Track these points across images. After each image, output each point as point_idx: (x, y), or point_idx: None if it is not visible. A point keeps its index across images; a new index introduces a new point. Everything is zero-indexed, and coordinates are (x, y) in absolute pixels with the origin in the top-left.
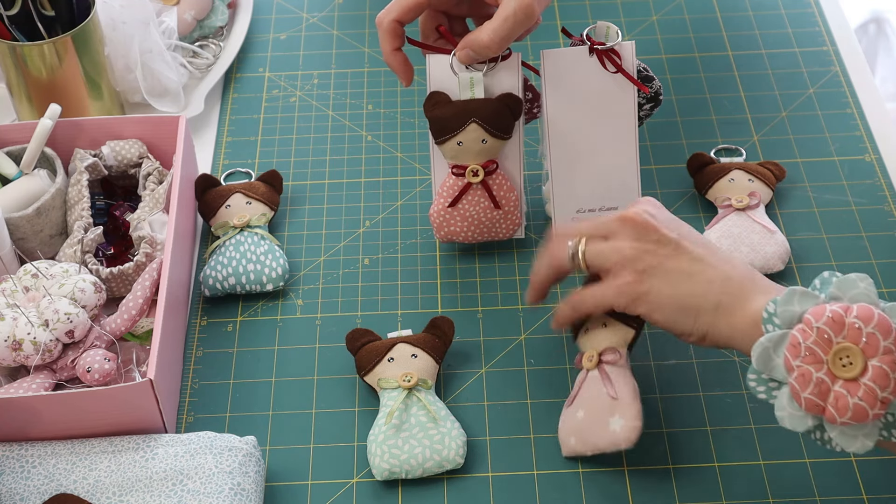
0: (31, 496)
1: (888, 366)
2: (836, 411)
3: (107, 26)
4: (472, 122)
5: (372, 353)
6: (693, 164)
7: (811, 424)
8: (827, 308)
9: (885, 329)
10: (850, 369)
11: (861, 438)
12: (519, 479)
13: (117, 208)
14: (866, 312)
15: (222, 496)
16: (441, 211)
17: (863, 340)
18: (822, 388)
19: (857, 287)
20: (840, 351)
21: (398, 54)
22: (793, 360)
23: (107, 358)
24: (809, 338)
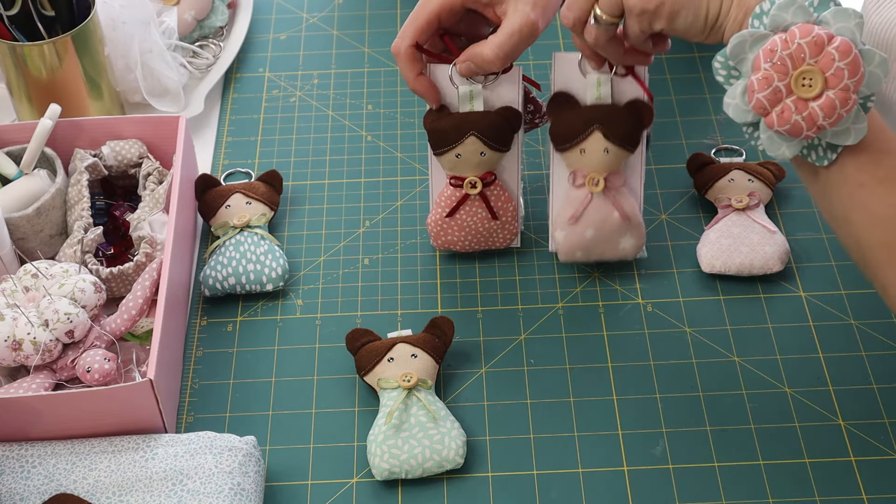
0: (31, 496)
1: (840, 100)
2: (776, 119)
3: (107, 26)
4: (470, 134)
5: (372, 353)
6: (693, 164)
7: (749, 120)
8: (815, 29)
9: (854, 69)
10: (807, 91)
11: (784, 147)
12: (519, 479)
13: (117, 208)
14: (846, 47)
15: (222, 496)
16: (438, 221)
17: (830, 71)
18: (775, 96)
19: (848, 21)
20: (807, 72)
21: (422, 79)
22: (763, 62)
23: (107, 358)
24: (787, 49)
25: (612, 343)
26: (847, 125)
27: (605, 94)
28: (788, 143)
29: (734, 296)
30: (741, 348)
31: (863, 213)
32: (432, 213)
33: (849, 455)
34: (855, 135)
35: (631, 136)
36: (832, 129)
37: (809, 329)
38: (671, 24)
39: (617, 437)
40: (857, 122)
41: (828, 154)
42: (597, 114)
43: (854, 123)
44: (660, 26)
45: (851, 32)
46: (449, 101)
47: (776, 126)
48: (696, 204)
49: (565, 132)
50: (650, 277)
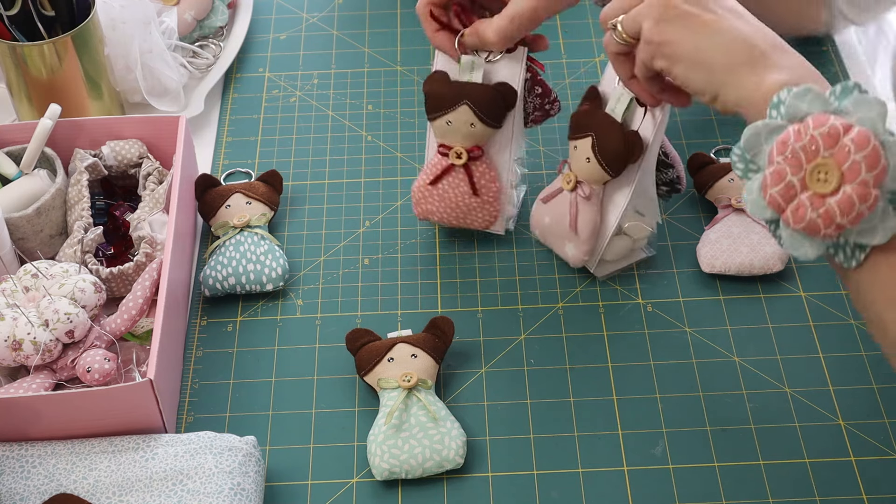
0: (31, 496)
1: (858, 196)
2: (792, 217)
3: (107, 26)
4: (463, 103)
5: (372, 353)
6: (693, 164)
7: (769, 216)
8: (830, 119)
9: (873, 162)
10: (823, 186)
11: (807, 246)
12: (519, 479)
13: (117, 208)
14: (863, 140)
15: (222, 496)
16: (421, 187)
17: (846, 164)
18: (789, 192)
19: (870, 111)
20: (822, 165)
21: (441, 34)
22: (776, 156)
23: (107, 358)
24: (801, 141)
25: (612, 343)
26: (873, 223)
27: (618, 110)
28: (811, 241)
29: (734, 296)
30: (741, 348)
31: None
32: (417, 180)
33: (849, 455)
34: (882, 234)
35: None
36: (857, 228)
37: (809, 329)
38: (670, 69)
39: (617, 437)
40: (885, 220)
41: (856, 254)
42: (595, 122)
43: (882, 221)
44: (660, 65)
45: (872, 122)
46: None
47: (792, 224)
48: (696, 204)
49: (573, 122)
50: (650, 277)
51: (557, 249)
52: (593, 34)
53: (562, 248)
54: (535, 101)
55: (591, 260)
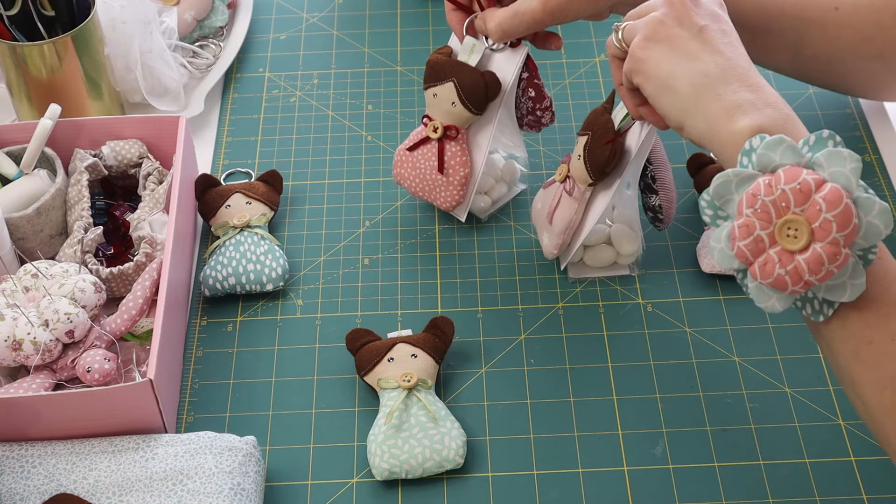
0: (31, 496)
1: (828, 255)
2: (759, 272)
3: (107, 26)
4: (450, 79)
5: (372, 353)
6: (693, 164)
7: (736, 267)
8: (802, 174)
9: (844, 221)
10: (793, 242)
11: (774, 300)
12: (519, 479)
13: (117, 208)
14: (835, 197)
15: (222, 496)
16: (401, 150)
17: (817, 222)
18: (757, 246)
19: (843, 166)
20: (792, 221)
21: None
22: (745, 208)
23: (107, 358)
24: (771, 195)
25: (612, 343)
26: (842, 279)
27: (617, 116)
28: (778, 295)
29: (734, 296)
30: (741, 348)
31: (872, 372)
32: (402, 144)
33: (849, 455)
34: (851, 291)
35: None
36: (826, 284)
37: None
38: (644, 86)
39: (617, 437)
40: (854, 277)
41: (824, 309)
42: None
43: (851, 279)
44: (637, 80)
45: (846, 178)
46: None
47: (759, 278)
48: (696, 204)
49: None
50: (650, 277)
51: (539, 237)
52: (593, 34)
53: (541, 236)
54: (528, 103)
55: (563, 256)
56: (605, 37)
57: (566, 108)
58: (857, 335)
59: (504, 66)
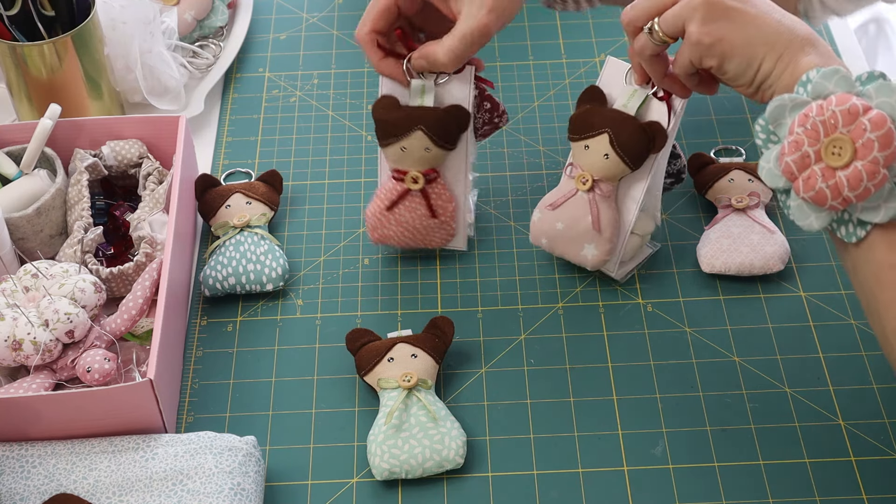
0: (31, 496)
1: (867, 172)
2: (802, 185)
3: (107, 26)
4: (417, 129)
5: (372, 353)
6: (693, 164)
7: (781, 186)
8: (852, 99)
9: (886, 142)
10: (836, 159)
11: (812, 218)
12: (519, 479)
13: (117, 208)
14: (880, 119)
15: (222, 496)
16: (377, 213)
17: (860, 141)
18: (804, 161)
19: (890, 97)
20: (838, 140)
21: (387, 61)
22: (797, 126)
23: (107, 358)
24: (822, 115)
25: (612, 343)
26: (878, 202)
27: (632, 105)
28: (817, 213)
29: (734, 296)
30: (741, 348)
31: (890, 295)
32: (371, 205)
33: (849, 455)
34: (885, 213)
35: (636, 153)
36: (862, 204)
37: (809, 329)
38: (721, 66)
39: (617, 437)
40: (889, 200)
41: (857, 231)
42: (612, 118)
43: (886, 201)
44: (710, 63)
45: (891, 107)
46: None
47: (802, 192)
48: (696, 204)
49: (579, 123)
50: (650, 277)
51: (571, 255)
52: (593, 34)
53: (577, 252)
54: (485, 115)
55: (612, 260)
56: (605, 37)
57: (566, 107)
58: (881, 259)
59: (457, 93)
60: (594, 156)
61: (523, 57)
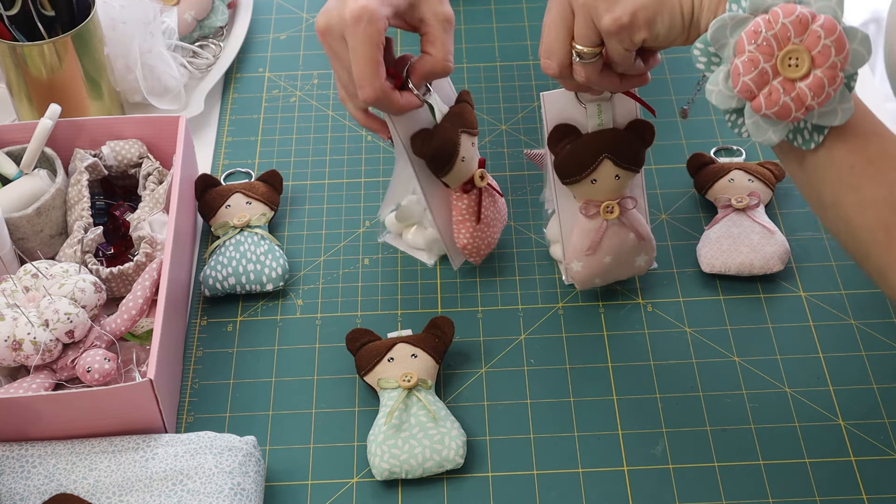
0: (31, 496)
1: (828, 79)
2: (765, 102)
3: (107, 26)
4: (462, 133)
5: (372, 353)
6: (693, 164)
7: (734, 106)
8: (798, 8)
9: (840, 45)
10: (794, 71)
11: (770, 132)
12: (519, 479)
13: (117, 208)
14: (831, 25)
15: (222, 496)
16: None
17: (817, 49)
18: (762, 78)
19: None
20: (793, 51)
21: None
22: (747, 45)
23: (107, 358)
24: (772, 29)
25: (612, 343)
26: (834, 105)
27: (607, 120)
28: (774, 126)
29: (734, 296)
30: (741, 348)
31: (855, 194)
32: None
33: (849, 455)
34: (842, 115)
35: (637, 158)
36: (819, 110)
37: (809, 329)
38: (651, 32)
39: (617, 437)
40: (843, 101)
41: (814, 136)
42: (603, 141)
43: (840, 104)
44: (640, 37)
45: (833, 11)
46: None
47: (764, 109)
48: (696, 204)
49: (575, 165)
50: (650, 277)
51: (626, 274)
52: None
53: (630, 269)
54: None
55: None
56: None
57: None
58: (841, 161)
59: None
60: (606, 183)
61: (523, 57)
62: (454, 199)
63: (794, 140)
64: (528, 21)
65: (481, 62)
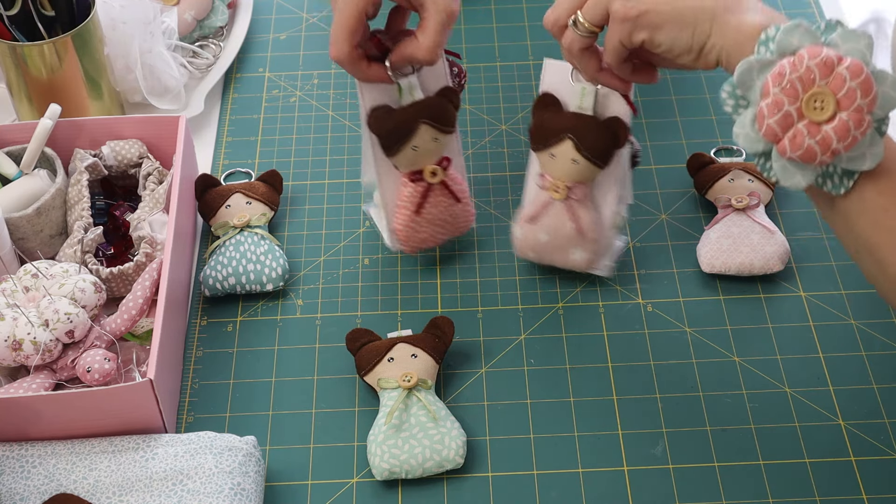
0: (31, 496)
1: (854, 122)
2: (789, 145)
3: (107, 26)
4: (422, 123)
5: (372, 353)
6: (693, 164)
7: (761, 149)
8: (824, 50)
9: (866, 89)
10: (820, 114)
11: (798, 176)
12: (519, 479)
13: (117, 208)
14: (857, 68)
15: (222, 496)
16: (408, 222)
17: (842, 92)
18: (787, 121)
19: (857, 42)
20: (818, 94)
21: (372, 68)
22: (772, 87)
23: (107, 358)
24: (797, 72)
25: (612, 343)
26: (863, 150)
27: (587, 104)
28: (803, 171)
29: (734, 296)
30: (741, 348)
31: (890, 236)
32: (398, 217)
33: (849, 455)
34: (871, 159)
35: (602, 153)
36: (847, 155)
37: (809, 329)
38: (652, 38)
39: (617, 437)
40: (872, 146)
41: (844, 182)
42: (572, 123)
43: (870, 148)
44: (641, 37)
45: (861, 53)
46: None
47: (789, 152)
48: (696, 204)
49: (539, 134)
50: (650, 277)
51: (560, 262)
52: None
53: (566, 258)
54: (454, 80)
55: (598, 258)
56: None
57: None
58: (874, 205)
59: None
60: (562, 163)
61: (523, 57)
62: (401, 183)
63: (824, 185)
64: (528, 21)
65: (481, 62)
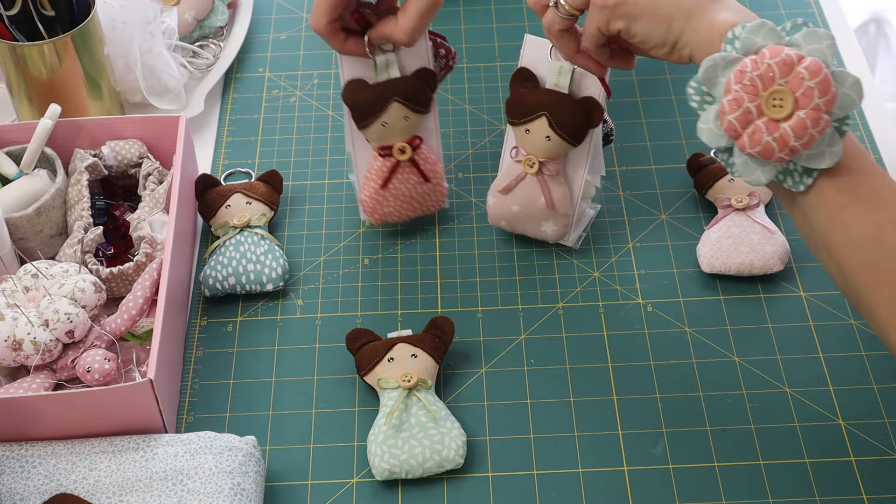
0: (31, 496)
1: (811, 121)
2: (748, 141)
3: (107, 26)
4: (393, 101)
5: (372, 353)
6: (693, 164)
7: (723, 145)
8: (785, 50)
9: (824, 88)
10: (778, 111)
11: (759, 172)
12: (519, 479)
13: (117, 208)
14: (816, 67)
15: (222, 496)
16: (373, 194)
17: (800, 91)
18: (746, 117)
19: (819, 43)
20: (777, 92)
21: (349, 42)
22: (733, 84)
23: (107, 358)
24: (757, 70)
25: (612, 343)
26: (822, 148)
27: (563, 83)
28: (763, 167)
29: (734, 296)
30: (741, 348)
31: (843, 234)
32: (365, 189)
33: (849, 455)
34: (830, 158)
35: (576, 131)
36: (806, 153)
37: (809, 329)
38: (629, 28)
39: (617, 437)
40: (831, 144)
41: (804, 179)
42: (547, 100)
43: (829, 146)
44: (617, 27)
45: (822, 54)
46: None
47: (748, 148)
48: (696, 204)
49: (516, 108)
50: (650, 277)
51: (531, 232)
52: None
53: (537, 229)
54: (442, 61)
55: (567, 231)
56: None
57: None
58: (832, 202)
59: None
60: (536, 139)
61: None
62: (372, 156)
63: (784, 181)
64: (528, 21)
65: (481, 62)
